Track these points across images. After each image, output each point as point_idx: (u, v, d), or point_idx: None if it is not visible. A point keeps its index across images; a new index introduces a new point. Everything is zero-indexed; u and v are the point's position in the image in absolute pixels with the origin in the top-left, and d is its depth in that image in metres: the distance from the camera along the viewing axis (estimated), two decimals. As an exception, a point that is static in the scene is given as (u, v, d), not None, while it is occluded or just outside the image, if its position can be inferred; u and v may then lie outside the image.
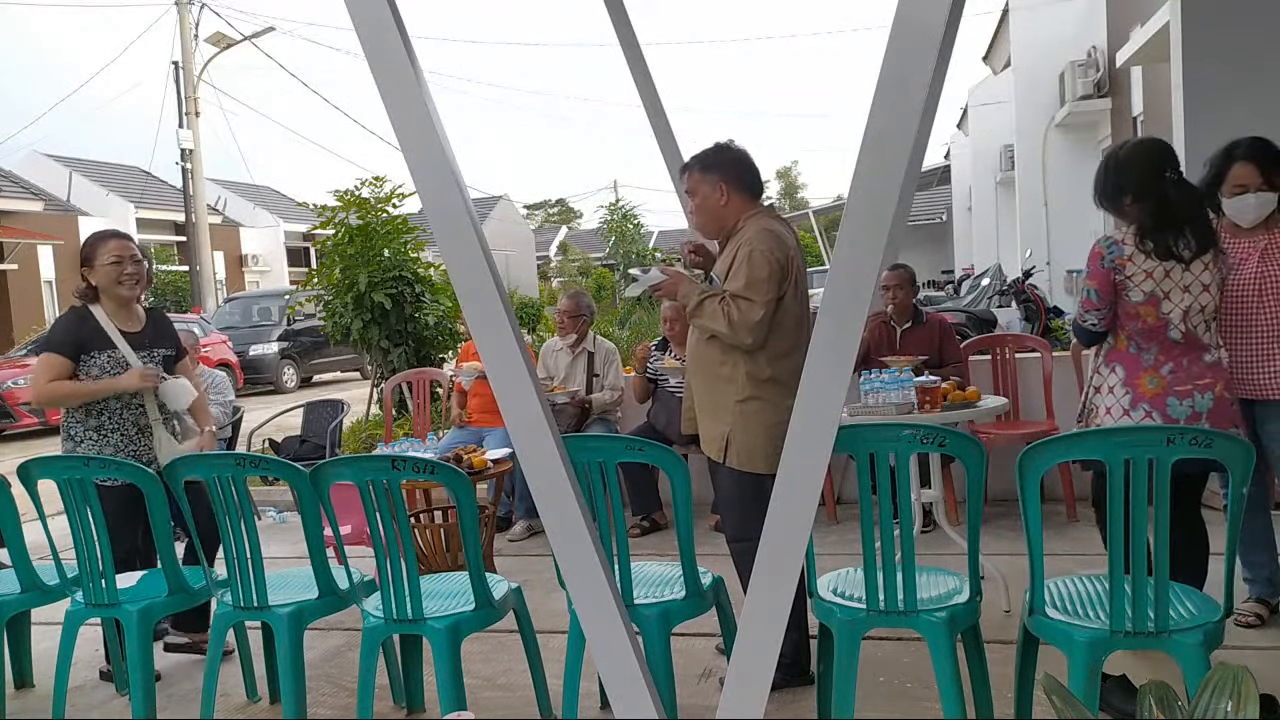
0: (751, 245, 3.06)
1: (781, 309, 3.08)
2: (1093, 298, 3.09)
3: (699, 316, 3.11)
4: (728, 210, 3.20)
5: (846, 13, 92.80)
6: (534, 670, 3.13)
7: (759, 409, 3.10)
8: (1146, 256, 3.00)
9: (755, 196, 3.25)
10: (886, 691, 3.15)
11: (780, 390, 3.07)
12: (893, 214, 2.05)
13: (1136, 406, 3.04)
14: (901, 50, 1.94)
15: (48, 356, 3.59)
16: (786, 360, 3.10)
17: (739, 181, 3.21)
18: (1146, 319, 3.02)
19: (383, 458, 2.82)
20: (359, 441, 7.73)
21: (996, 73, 18.75)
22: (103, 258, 3.64)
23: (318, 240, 14.14)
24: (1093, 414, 3.20)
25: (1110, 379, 3.12)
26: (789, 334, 3.11)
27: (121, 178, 28.40)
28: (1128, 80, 10.96)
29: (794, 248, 3.15)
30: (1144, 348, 3.07)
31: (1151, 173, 3.08)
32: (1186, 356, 3.04)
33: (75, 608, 3.29)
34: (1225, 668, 1.46)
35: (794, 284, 3.11)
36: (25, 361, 13.48)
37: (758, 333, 3.03)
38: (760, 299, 3.01)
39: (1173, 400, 3.02)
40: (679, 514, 2.80)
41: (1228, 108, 5.21)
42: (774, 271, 3.03)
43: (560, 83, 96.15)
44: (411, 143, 2.24)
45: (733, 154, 3.25)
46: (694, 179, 3.24)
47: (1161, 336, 3.03)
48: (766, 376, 3.10)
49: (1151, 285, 2.99)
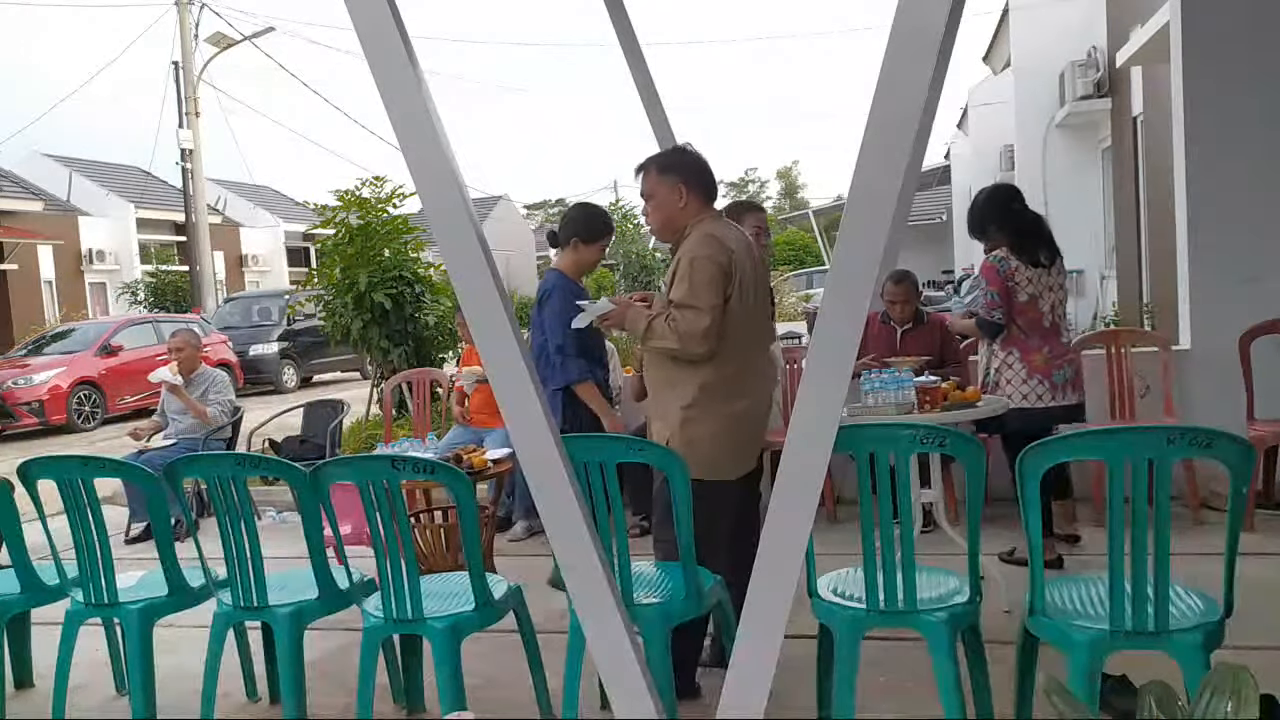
0: (693, 252, 3.05)
1: (727, 313, 3.03)
2: (995, 299, 4.18)
3: (650, 339, 3.10)
4: (685, 213, 3.16)
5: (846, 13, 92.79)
6: (534, 670, 3.13)
7: (700, 416, 3.08)
8: (1026, 266, 4.16)
9: (710, 201, 3.23)
10: (886, 691, 3.15)
11: (712, 397, 3.07)
12: (893, 214, 2.05)
13: (1032, 377, 4.20)
14: (901, 50, 1.94)
15: None
16: (729, 365, 3.07)
17: (698, 185, 3.17)
18: (1030, 313, 4.18)
19: (383, 458, 2.82)
20: (359, 441, 7.73)
21: (996, 73, 18.74)
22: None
23: (318, 240, 14.15)
24: (997, 387, 4.28)
25: (1009, 359, 4.25)
26: (731, 339, 3.06)
27: (121, 178, 28.40)
28: (1128, 80, 10.95)
29: (739, 250, 3.10)
30: (1029, 334, 4.21)
31: (1004, 207, 4.27)
32: (1055, 339, 4.24)
33: (75, 608, 3.29)
34: (1225, 668, 1.46)
35: (738, 287, 3.06)
36: (25, 361, 13.51)
37: (708, 340, 2.99)
38: (705, 305, 2.98)
39: (1055, 371, 4.20)
40: (679, 514, 2.80)
41: (1228, 108, 5.21)
42: (716, 275, 3.00)
43: (560, 82, 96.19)
44: (411, 143, 2.25)
45: (692, 157, 3.23)
46: (651, 180, 3.20)
47: (1040, 326, 4.20)
48: (710, 382, 3.07)
49: (1032, 288, 4.17)
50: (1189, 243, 5.35)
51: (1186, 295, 5.41)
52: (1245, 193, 5.17)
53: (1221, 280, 5.22)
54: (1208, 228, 5.28)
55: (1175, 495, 4.62)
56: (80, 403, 13.01)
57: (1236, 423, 4.73)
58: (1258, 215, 5.17)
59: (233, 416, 6.28)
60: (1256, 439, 4.59)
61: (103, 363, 13.43)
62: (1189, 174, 5.30)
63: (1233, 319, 4.96)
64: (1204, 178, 5.26)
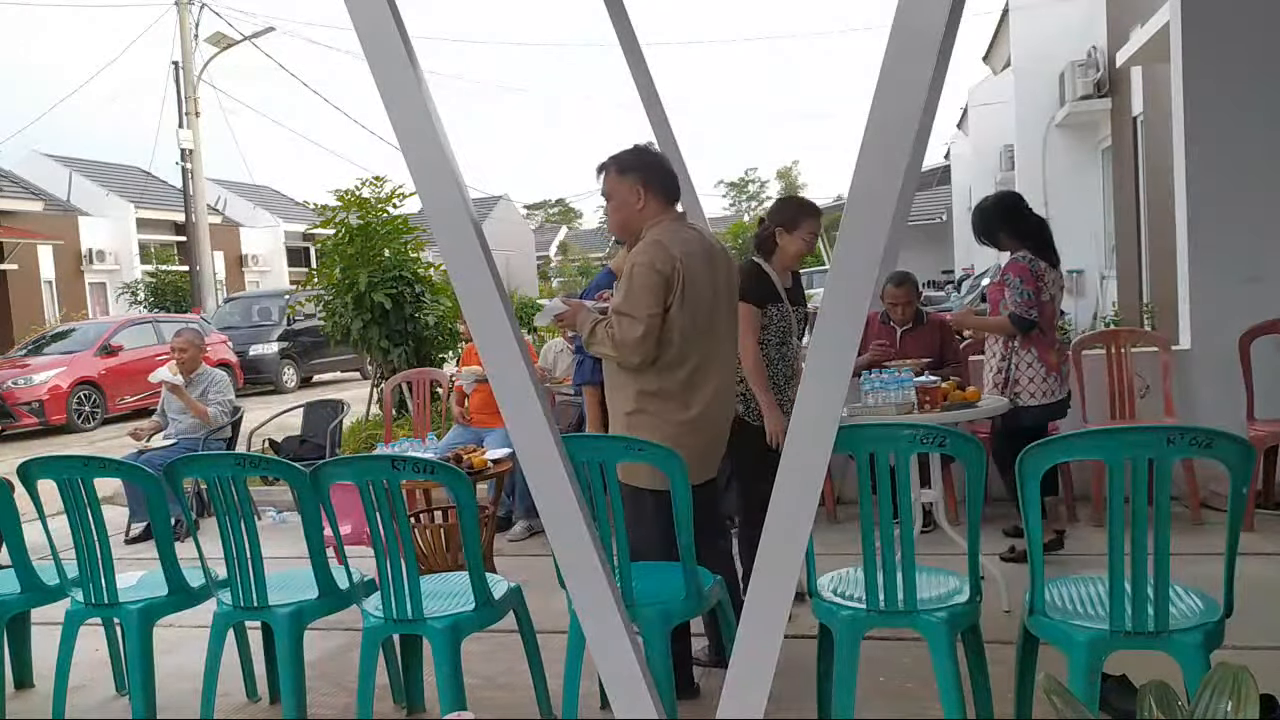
0: (635, 258, 3.01)
1: (667, 321, 2.98)
2: (1030, 298, 4.27)
3: (593, 344, 3.08)
4: (644, 214, 3.10)
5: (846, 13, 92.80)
6: (534, 670, 3.13)
7: (644, 423, 3.03)
8: (1050, 267, 4.34)
9: (670, 202, 3.16)
10: (886, 691, 3.15)
11: (668, 404, 3.02)
12: (893, 214, 2.05)
13: (1051, 374, 4.33)
14: (901, 50, 1.94)
15: (747, 308, 3.63)
16: (674, 373, 3.02)
17: (657, 185, 3.11)
18: (1047, 312, 4.34)
19: (383, 458, 2.82)
20: (359, 441, 7.73)
21: (996, 73, 18.74)
22: (802, 230, 3.84)
23: (318, 240, 14.15)
24: (1015, 384, 4.36)
25: (1028, 357, 4.34)
26: (676, 346, 3.01)
27: (121, 178, 28.40)
28: (1128, 80, 10.95)
29: (689, 257, 3.02)
30: (1045, 333, 4.34)
31: (1016, 213, 4.45)
32: (1055, 336, 4.43)
33: (75, 608, 3.29)
34: (1225, 668, 1.46)
35: (682, 295, 2.98)
36: (25, 361, 13.50)
37: (642, 349, 2.95)
38: (641, 314, 2.93)
39: (1061, 366, 4.42)
40: (679, 514, 2.80)
41: (1228, 108, 5.21)
42: (655, 284, 2.94)
43: (560, 82, 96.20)
44: (411, 143, 2.25)
45: (651, 157, 3.18)
46: (610, 181, 3.13)
47: (1052, 325, 4.40)
48: (653, 389, 3.03)
49: (1052, 288, 4.35)
50: (1189, 243, 5.35)
51: (1186, 295, 5.41)
52: (1245, 193, 5.17)
53: (1221, 280, 5.22)
54: (1208, 228, 5.28)
55: (1175, 495, 4.63)
56: (80, 403, 13.01)
57: (1236, 423, 4.73)
58: (1258, 215, 5.17)
59: (233, 416, 6.28)
60: (1256, 439, 4.59)
61: (103, 363, 13.43)
62: (1189, 174, 5.30)
63: (1233, 319, 4.97)
64: (1204, 178, 5.26)
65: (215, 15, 24.70)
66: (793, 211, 3.88)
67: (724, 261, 3.21)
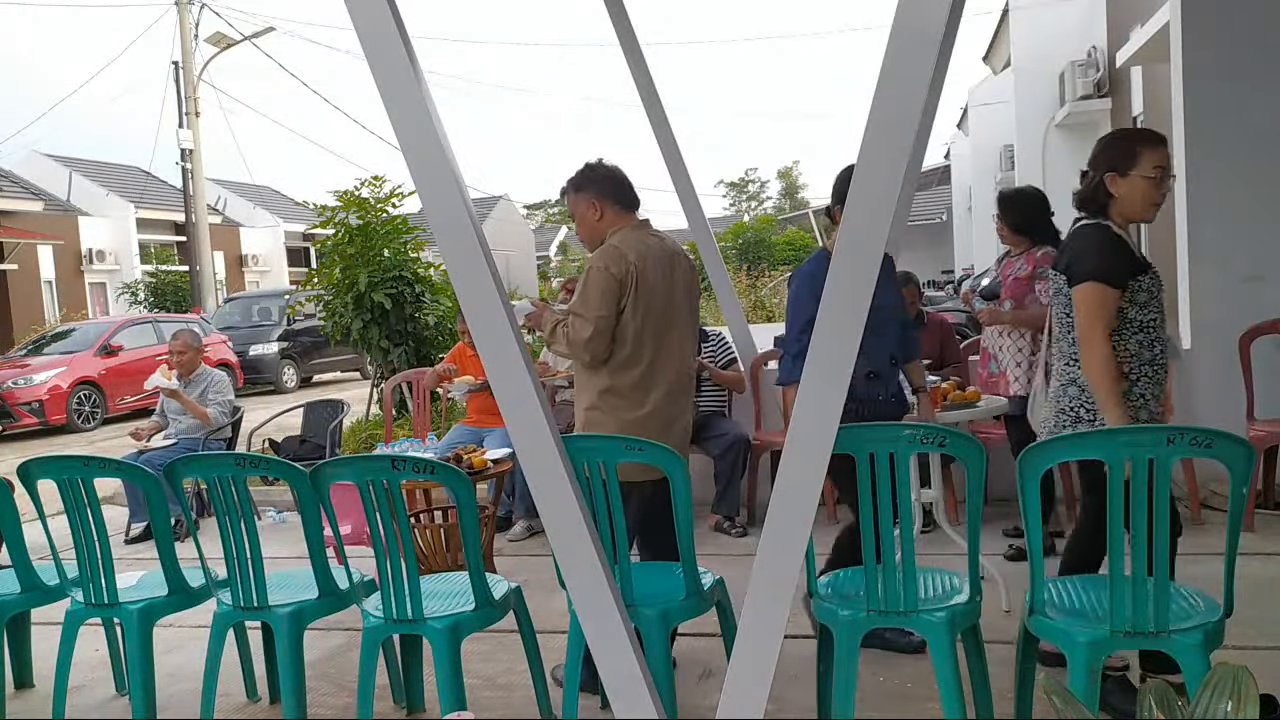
0: (591, 262, 3.16)
1: (620, 322, 3.11)
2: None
3: (554, 344, 3.23)
4: (603, 225, 3.25)
5: (846, 13, 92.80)
6: (534, 670, 3.13)
7: (598, 419, 3.17)
8: None
9: (629, 209, 3.28)
10: (886, 691, 3.15)
11: (619, 402, 3.14)
12: (893, 214, 2.05)
13: None
14: (901, 50, 1.94)
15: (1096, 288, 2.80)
16: (626, 373, 3.14)
17: (612, 196, 3.25)
18: None
19: (383, 458, 2.82)
20: (359, 441, 7.73)
21: (996, 73, 18.75)
22: (1143, 166, 2.89)
23: (318, 240, 14.15)
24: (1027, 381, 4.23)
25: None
26: (629, 346, 3.13)
27: (121, 178, 28.41)
28: (1128, 80, 10.96)
29: (645, 261, 3.12)
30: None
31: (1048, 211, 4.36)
32: None
33: (75, 608, 3.29)
34: (1225, 668, 1.46)
35: (634, 298, 3.10)
36: (25, 361, 13.50)
37: (592, 349, 3.09)
38: (590, 315, 3.07)
39: None
40: (679, 514, 2.80)
41: (1228, 108, 5.21)
42: (607, 287, 3.08)
43: (560, 83, 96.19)
44: (411, 143, 2.25)
45: (602, 170, 3.29)
46: (571, 200, 3.31)
47: None
48: (605, 387, 3.15)
49: None
50: (1189, 243, 5.35)
51: (1186, 295, 5.41)
52: (1245, 193, 5.17)
53: (1221, 280, 5.22)
54: (1208, 228, 5.28)
55: (1175, 495, 4.63)
56: (80, 403, 13.01)
57: (1236, 423, 4.73)
58: (1258, 215, 5.18)
59: (233, 417, 6.28)
60: (1256, 439, 4.59)
61: (103, 363, 13.43)
62: (1189, 174, 5.30)
63: (1233, 319, 4.97)
64: (1204, 178, 5.27)
65: (215, 15, 24.71)
66: (1123, 147, 2.96)
67: (684, 267, 3.30)
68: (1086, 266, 2.83)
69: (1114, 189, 2.91)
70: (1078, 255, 2.89)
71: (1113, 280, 2.80)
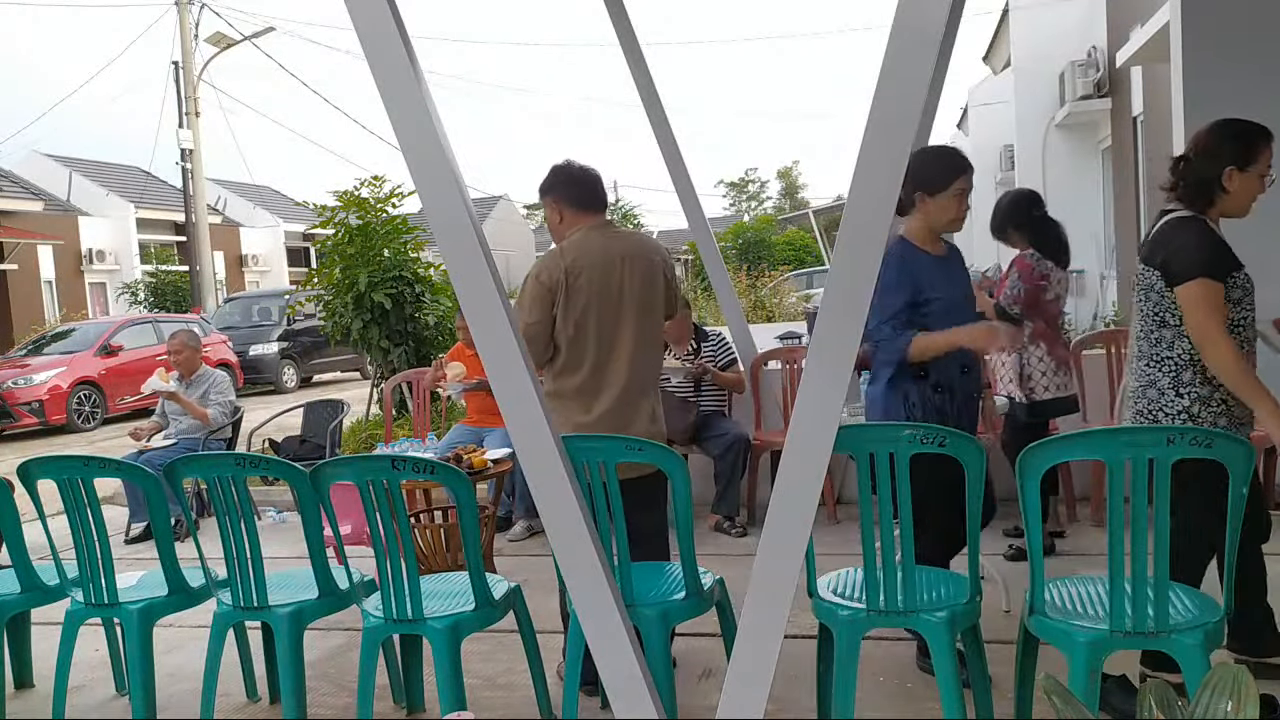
0: (529, 269, 3.19)
1: (558, 329, 3.12)
2: (1020, 294, 4.31)
3: None
4: (564, 227, 3.24)
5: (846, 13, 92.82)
6: (534, 670, 3.13)
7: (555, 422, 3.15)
8: (1056, 267, 4.39)
9: (589, 210, 3.23)
10: (886, 691, 3.15)
11: (569, 405, 3.14)
12: (893, 214, 2.05)
13: (1061, 368, 4.44)
14: (901, 50, 1.94)
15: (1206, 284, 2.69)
16: (567, 378, 3.15)
17: (572, 199, 3.23)
18: (1052, 310, 4.44)
19: (383, 458, 2.82)
20: (359, 441, 7.73)
21: (996, 73, 18.74)
22: (1261, 163, 2.80)
23: (317, 240, 14.15)
24: (1029, 379, 4.41)
25: (1038, 352, 4.40)
26: (564, 352, 3.15)
27: (121, 178, 28.40)
28: (1128, 80, 10.95)
29: (574, 265, 3.09)
30: (1051, 327, 4.44)
31: (1025, 212, 4.43)
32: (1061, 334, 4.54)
33: (75, 608, 3.29)
34: (1225, 668, 1.46)
35: (567, 302, 3.08)
36: (25, 361, 13.50)
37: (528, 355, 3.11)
38: (521, 320, 3.08)
39: (1069, 360, 4.50)
40: (679, 514, 2.80)
41: (1228, 108, 5.19)
42: (537, 294, 3.11)
43: (560, 83, 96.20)
44: (411, 143, 2.25)
45: (565, 173, 3.27)
46: (543, 204, 3.32)
47: (1057, 323, 4.49)
48: (550, 391, 3.17)
49: (1059, 287, 4.43)
50: (1189, 243, 5.34)
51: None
52: (1245, 193, 5.16)
53: (1221, 280, 5.21)
54: (1208, 228, 5.27)
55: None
56: (80, 403, 13.01)
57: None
58: (1258, 215, 5.15)
59: (233, 417, 6.28)
60: (1256, 439, 4.57)
61: (103, 363, 13.43)
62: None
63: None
64: (1204, 178, 5.26)
65: (215, 15, 24.71)
66: (1246, 142, 2.83)
67: (643, 265, 3.20)
68: (1192, 262, 2.69)
69: (1229, 184, 2.81)
70: (1177, 251, 2.73)
71: (1218, 275, 2.70)
